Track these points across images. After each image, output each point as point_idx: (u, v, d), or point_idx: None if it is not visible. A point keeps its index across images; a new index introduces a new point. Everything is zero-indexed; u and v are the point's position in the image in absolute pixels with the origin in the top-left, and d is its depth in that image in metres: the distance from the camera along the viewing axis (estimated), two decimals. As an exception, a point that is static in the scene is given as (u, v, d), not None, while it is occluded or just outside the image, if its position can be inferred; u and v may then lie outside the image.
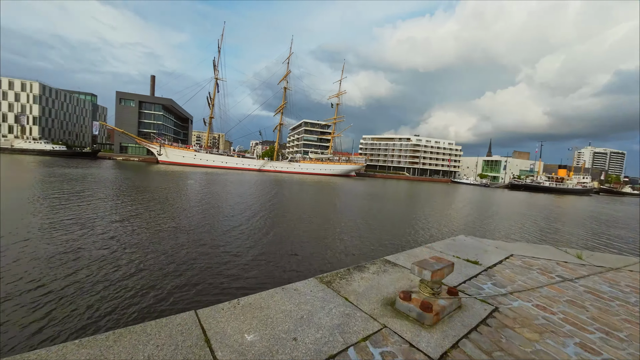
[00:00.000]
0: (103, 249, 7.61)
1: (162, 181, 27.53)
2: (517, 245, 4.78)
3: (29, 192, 15.69)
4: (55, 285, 5.55)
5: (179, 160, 65.12)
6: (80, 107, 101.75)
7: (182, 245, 8.19)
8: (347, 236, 10.79)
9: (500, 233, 13.97)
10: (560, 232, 15.96)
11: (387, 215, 17.20)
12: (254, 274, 6.59)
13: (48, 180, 21.51)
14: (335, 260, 7.88)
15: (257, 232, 10.23)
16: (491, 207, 27.40)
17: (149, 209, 13.26)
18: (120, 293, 5.42)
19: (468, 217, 19.07)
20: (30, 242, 7.72)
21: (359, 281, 2.83)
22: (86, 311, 4.81)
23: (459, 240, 4.86)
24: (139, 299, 5.27)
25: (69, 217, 10.75)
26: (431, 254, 3.90)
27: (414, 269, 2.31)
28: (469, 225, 15.66)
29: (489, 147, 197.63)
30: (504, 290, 2.87)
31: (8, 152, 61.38)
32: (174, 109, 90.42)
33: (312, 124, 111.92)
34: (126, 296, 5.33)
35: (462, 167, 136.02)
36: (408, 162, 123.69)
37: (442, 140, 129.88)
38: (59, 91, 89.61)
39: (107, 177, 26.80)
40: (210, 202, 16.93)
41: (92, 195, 16.15)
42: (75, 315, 4.68)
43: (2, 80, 77.06)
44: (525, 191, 79.61)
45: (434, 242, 4.67)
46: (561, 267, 3.78)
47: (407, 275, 3.10)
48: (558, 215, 24.25)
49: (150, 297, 5.37)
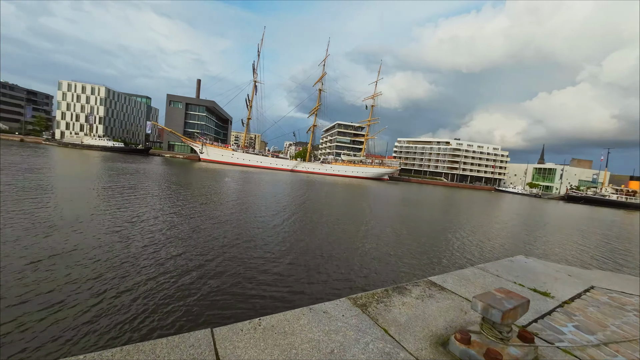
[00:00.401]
0: (136, 246, 8.01)
1: (203, 178, 29.19)
2: (597, 274, 3.89)
3: (94, 182, 17.58)
4: (69, 285, 5.89)
5: (218, 159, 68.97)
6: (137, 109, 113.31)
7: (211, 249, 8.26)
8: (382, 246, 10.15)
9: (566, 255, 11.97)
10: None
11: (426, 224, 16.08)
12: (279, 284, 6.18)
13: (108, 173, 24.00)
14: (369, 274, 7.28)
15: (286, 237, 10.01)
16: (548, 222, 24.36)
17: (187, 206, 13.96)
18: (142, 300, 5.09)
19: (521, 232, 16.98)
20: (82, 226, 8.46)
21: (399, 307, 2.39)
22: (108, 315, 4.93)
23: (518, 261, 4.11)
24: (159, 305, 4.89)
25: (118, 208, 11.69)
26: (485, 278, 3.28)
27: (476, 304, 1.82)
28: (524, 242, 13.75)
29: (542, 154, 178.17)
30: (594, 339, 2.21)
31: (79, 147, 70.46)
32: (216, 110, 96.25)
33: (346, 126, 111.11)
34: (146, 302, 4.99)
35: (509, 174, 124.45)
36: (446, 167, 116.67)
37: (486, 145, 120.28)
38: (120, 94, 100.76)
39: (156, 173, 29.19)
40: (244, 202, 17.37)
41: (142, 189, 17.55)
42: (88, 317, 4.84)
43: (77, 85, 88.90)
44: (586, 204, 70.11)
45: (486, 261, 4.00)
46: (668, 311, 2.91)
47: (458, 303, 2.57)
48: (633, 236, 20.68)
49: (171, 304, 4.94)
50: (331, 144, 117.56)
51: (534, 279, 3.43)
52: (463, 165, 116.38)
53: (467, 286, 2.98)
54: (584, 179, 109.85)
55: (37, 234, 7.71)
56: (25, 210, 9.69)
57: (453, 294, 2.78)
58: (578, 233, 18.69)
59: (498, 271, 3.57)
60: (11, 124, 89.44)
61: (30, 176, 17.21)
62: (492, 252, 10.85)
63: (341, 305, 2.32)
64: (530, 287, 3.12)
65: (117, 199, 13.48)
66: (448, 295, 2.74)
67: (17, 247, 6.69)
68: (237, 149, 72.83)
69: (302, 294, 5.83)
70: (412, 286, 2.86)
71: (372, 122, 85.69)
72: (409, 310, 2.35)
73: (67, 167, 27.42)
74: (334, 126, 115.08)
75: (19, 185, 13.98)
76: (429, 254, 9.64)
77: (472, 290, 2.89)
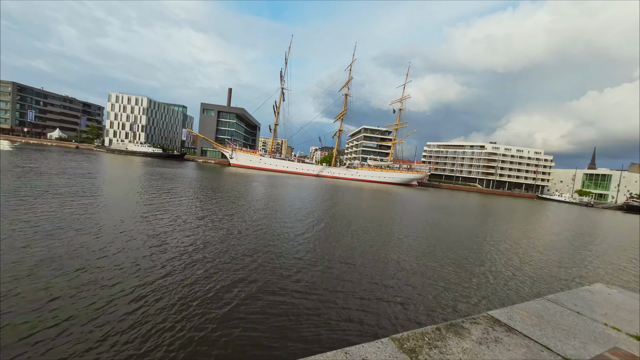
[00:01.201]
0: (165, 254, 8.11)
1: (232, 183, 30.05)
2: None
3: (136, 184, 18.77)
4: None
5: (247, 164, 71.22)
6: (174, 117, 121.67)
7: (233, 271, 7.98)
8: (418, 261, 9.32)
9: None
10: None
11: (464, 235, 14.79)
12: (305, 315, 5.29)
13: (149, 177, 25.61)
14: (410, 302, 6.22)
15: (311, 255, 8.60)
16: (610, 236, 21.41)
17: (216, 212, 14.20)
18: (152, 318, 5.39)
19: (582, 248, 14.68)
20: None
21: (460, 356, 1.87)
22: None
23: (598, 292, 3.31)
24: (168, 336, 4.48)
25: (154, 212, 12.17)
26: (563, 316, 2.61)
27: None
28: (589, 262, 11.63)
29: (593, 158, 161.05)
30: None
31: (124, 153, 77.08)
32: (245, 117, 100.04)
33: (372, 130, 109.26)
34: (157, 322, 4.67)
35: (553, 180, 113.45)
36: (481, 173, 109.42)
37: (526, 149, 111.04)
38: (160, 104, 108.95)
39: (191, 177, 30.67)
40: (271, 208, 17.40)
41: (179, 193, 18.35)
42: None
43: (124, 97, 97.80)
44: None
45: (549, 287, 3.28)
46: None
47: (536, 354, 1.98)
48: None
49: (176, 333, 4.47)
50: (357, 148, 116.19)
51: (631, 319, 2.67)
52: (500, 170, 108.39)
53: (543, 327, 2.36)
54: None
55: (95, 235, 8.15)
56: (77, 214, 10.40)
57: (526, 338, 2.18)
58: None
59: (577, 306, 2.86)
60: (69, 133, 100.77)
61: (83, 181, 18.79)
62: (553, 274, 8.96)
63: (384, 349, 1.86)
64: (632, 334, 2.40)
65: (156, 202, 14.11)
66: (520, 339, 2.15)
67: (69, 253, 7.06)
68: (265, 154, 74.67)
69: (329, 328, 5.07)
70: (470, 324, 2.31)
71: (400, 126, 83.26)
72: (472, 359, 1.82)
73: (114, 171, 29.77)
74: (360, 131, 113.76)
75: (71, 188, 15.25)
76: (474, 272, 8.58)
77: (551, 334, 2.27)
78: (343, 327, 5.01)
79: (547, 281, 8.09)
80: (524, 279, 8.14)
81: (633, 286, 8.72)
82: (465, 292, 6.95)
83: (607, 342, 2.23)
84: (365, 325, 5.12)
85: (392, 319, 5.44)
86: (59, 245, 7.23)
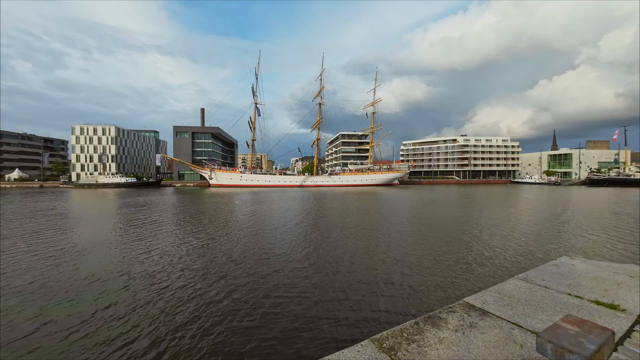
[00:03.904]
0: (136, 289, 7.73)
1: (212, 204, 29.22)
2: (666, 273, 3.28)
3: (110, 218, 17.72)
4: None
5: (228, 182, 69.73)
6: (146, 143, 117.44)
7: (218, 279, 7.93)
8: (403, 258, 9.51)
9: (614, 248, 10.29)
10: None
11: (446, 227, 15.27)
12: (286, 321, 5.49)
13: (123, 209, 24.30)
14: (392, 296, 6.56)
15: (292, 262, 9.34)
16: (576, 209, 22.93)
17: (201, 238, 13.74)
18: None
19: (552, 224, 15.70)
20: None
21: (437, 347, 1.92)
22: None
23: (564, 265, 3.54)
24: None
25: (131, 244, 11.54)
26: (532, 292, 2.76)
27: (544, 347, 1.36)
28: (560, 237, 12.41)
29: (554, 140, 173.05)
30: (702, 370, 1.68)
31: (94, 187, 72.88)
32: (221, 136, 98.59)
33: (349, 136, 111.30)
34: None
35: (523, 164, 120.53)
36: (456, 165, 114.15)
37: (495, 138, 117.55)
38: (130, 131, 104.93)
39: (169, 203, 29.47)
40: (252, 225, 17.09)
41: (157, 221, 17.54)
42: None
43: (89, 128, 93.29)
44: (610, 186, 66.63)
45: (524, 267, 3.48)
46: None
47: (508, 333, 2.08)
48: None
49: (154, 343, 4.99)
50: (337, 155, 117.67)
51: (591, 286, 2.88)
52: (473, 161, 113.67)
53: (514, 306, 2.48)
54: (604, 161, 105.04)
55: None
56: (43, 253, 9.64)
57: (499, 319, 2.28)
58: (615, 218, 17.38)
59: (545, 280, 3.04)
60: (31, 172, 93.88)
61: (45, 222, 17.51)
62: (528, 253, 9.51)
63: (364, 352, 1.88)
64: (591, 299, 2.58)
65: (131, 234, 13.40)
66: (493, 321, 2.25)
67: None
68: (245, 170, 73.63)
69: (312, 331, 5.18)
70: (447, 313, 2.38)
71: (375, 129, 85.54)
72: (450, 351, 1.88)
73: (84, 208, 28.02)
74: (338, 137, 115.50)
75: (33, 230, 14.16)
76: (457, 261, 8.88)
77: (522, 311, 2.39)
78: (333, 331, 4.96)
79: (521, 260, 8.54)
80: (502, 260, 8.54)
81: (595, 252, 9.37)
82: (447, 281, 7.14)
83: (571, 310, 2.39)
84: (348, 335, 5.10)
85: (376, 320, 5.47)
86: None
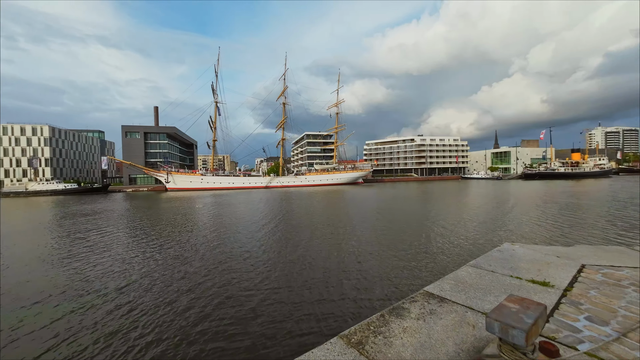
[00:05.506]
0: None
1: (170, 210, 27.22)
2: (583, 251, 3.87)
3: (43, 235, 15.40)
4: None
5: (187, 186, 65.46)
6: (89, 145, 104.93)
7: (182, 286, 7.45)
8: (369, 256, 9.85)
9: (547, 233, 11.95)
10: (612, 220, 14.54)
11: (407, 223, 16.18)
12: (258, 323, 5.46)
13: (60, 222, 21.38)
14: (360, 293, 6.79)
15: (258, 266, 9.19)
16: (513, 200, 25.94)
17: (152, 244, 12.72)
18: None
19: (497, 215, 17.50)
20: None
21: (401, 336, 2.03)
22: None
23: (506, 250, 3.99)
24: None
25: (72, 261, 10.23)
26: (482, 277, 3.06)
27: (492, 326, 1.51)
28: (502, 226, 14.03)
29: (495, 139, 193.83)
30: (610, 331, 2.02)
31: (23, 195, 62.92)
32: (178, 136, 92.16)
33: (315, 136, 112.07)
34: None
35: (471, 162, 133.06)
36: (415, 163, 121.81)
37: (447, 137, 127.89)
38: (68, 131, 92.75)
39: (119, 210, 26.66)
40: (215, 229, 16.33)
41: (99, 232, 15.75)
42: None
43: (15, 127, 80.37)
44: (541, 179, 76.77)
45: (475, 253, 3.84)
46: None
47: (463, 316, 2.28)
48: (595, 202, 22.68)
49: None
50: (302, 155, 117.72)
51: (528, 268, 3.28)
52: (429, 159, 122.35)
53: (467, 291, 2.72)
54: (535, 157, 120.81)
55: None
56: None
57: (455, 304, 2.48)
58: (544, 207, 20.05)
59: (492, 265, 3.38)
60: None
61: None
62: (477, 241, 10.63)
63: (333, 349, 1.90)
64: (528, 279, 2.94)
65: (71, 249, 11.85)
66: (450, 306, 2.44)
67: None
68: (207, 172, 69.87)
69: (283, 334, 5.17)
70: (410, 303, 2.52)
71: (339, 129, 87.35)
72: (413, 338, 1.99)
73: (7, 219, 24.04)
74: (303, 137, 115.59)
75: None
76: (418, 252, 9.48)
77: (473, 295, 2.63)
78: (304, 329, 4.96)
79: (472, 248, 9.49)
80: (457, 249, 9.38)
81: (530, 237, 10.80)
82: (414, 273, 7.61)
83: (513, 290, 2.70)
84: (319, 335, 5.16)
85: (346, 316, 5.62)
86: None
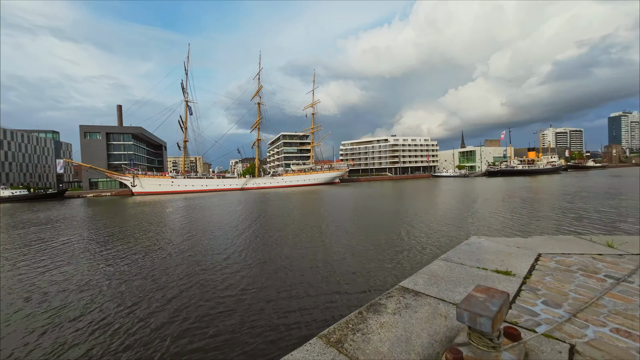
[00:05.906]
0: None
1: (137, 216, 25.56)
2: (539, 241, 4.24)
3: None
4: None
5: (156, 189, 61.89)
6: (41, 146, 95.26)
7: (154, 292, 7.06)
8: (344, 254, 9.99)
9: (508, 225, 13.08)
10: (563, 211, 16.04)
11: (383, 220, 16.64)
12: (232, 326, 5.48)
13: (9, 232, 19.17)
14: (338, 292, 6.94)
15: (234, 269, 9.10)
16: (479, 197, 27.74)
17: (126, 259, 11.89)
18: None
19: (464, 210, 18.72)
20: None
21: (379, 332, 2.08)
22: None
23: (473, 243, 4.25)
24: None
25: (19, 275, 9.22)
26: (452, 270, 3.23)
27: (462, 315, 1.59)
28: (470, 221, 15.03)
29: (462, 139, 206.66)
30: (563, 312, 2.23)
31: (-41, 204, 55.50)
32: (145, 137, 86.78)
33: (291, 136, 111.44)
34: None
35: (440, 160, 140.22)
36: (389, 163, 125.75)
37: (418, 138, 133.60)
38: (15, 132, 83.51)
39: (78, 217, 24.47)
40: (186, 235, 15.65)
41: (53, 243, 14.36)
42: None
43: (-53, 127, 70.81)
44: (502, 176, 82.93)
45: (447, 250, 4.05)
46: (602, 264, 3.23)
47: (435, 307, 2.39)
48: (549, 196, 24.88)
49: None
50: (279, 155, 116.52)
51: (493, 259, 3.52)
52: (402, 158, 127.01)
53: (439, 284, 2.86)
54: (497, 156, 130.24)
55: None
56: None
57: (428, 297, 2.60)
58: (507, 201, 21.67)
59: (461, 258, 3.59)
60: None
61: None
62: (447, 235, 11.41)
63: (312, 349, 1.90)
64: (493, 269, 3.16)
65: (22, 261, 10.68)
66: (424, 300, 2.55)
67: None
68: (177, 175, 66.59)
69: (261, 336, 5.15)
70: (386, 299, 2.60)
71: (315, 130, 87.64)
72: (390, 333, 2.05)
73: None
74: (279, 137, 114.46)
75: None
76: (393, 248, 9.82)
77: (445, 287, 2.77)
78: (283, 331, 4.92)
79: (444, 240, 10.07)
80: (427, 242, 9.88)
81: (494, 229, 11.69)
82: (385, 267, 7.86)
83: (480, 281, 2.88)
84: (299, 336, 5.16)
85: (326, 315, 5.67)
86: None
